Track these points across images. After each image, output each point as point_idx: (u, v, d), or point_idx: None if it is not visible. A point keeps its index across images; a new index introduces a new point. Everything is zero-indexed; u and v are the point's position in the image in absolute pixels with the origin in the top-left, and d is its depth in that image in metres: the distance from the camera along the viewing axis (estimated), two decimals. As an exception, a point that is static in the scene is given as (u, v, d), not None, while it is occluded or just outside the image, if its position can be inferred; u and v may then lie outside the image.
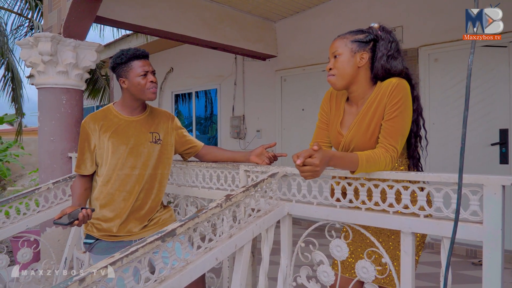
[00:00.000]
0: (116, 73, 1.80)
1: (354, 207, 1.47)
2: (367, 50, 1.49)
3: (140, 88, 1.76)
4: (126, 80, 1.77)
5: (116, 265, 1.04)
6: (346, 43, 1.51)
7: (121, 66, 1.77)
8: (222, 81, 6.43)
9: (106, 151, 1.77)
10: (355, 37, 1.51)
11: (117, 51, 5.84)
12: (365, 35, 1.51)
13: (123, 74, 1.78)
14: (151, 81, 1.77)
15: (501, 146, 3.66)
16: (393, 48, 1.50)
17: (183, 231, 1.23)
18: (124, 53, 1.76)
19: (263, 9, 4.97)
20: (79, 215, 1.58)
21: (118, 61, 1.76)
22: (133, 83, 1.76)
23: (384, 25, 1.55)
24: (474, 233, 1.19)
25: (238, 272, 1.46)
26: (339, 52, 1.51)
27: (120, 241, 1.80)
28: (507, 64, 3.61)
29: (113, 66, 1.79)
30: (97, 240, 1.80)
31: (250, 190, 1.48)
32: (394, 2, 4.30)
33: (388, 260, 1.39)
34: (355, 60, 1.49)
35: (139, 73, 1.75)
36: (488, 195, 1.16)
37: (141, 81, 1.75)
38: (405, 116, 1.43)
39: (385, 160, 1.36)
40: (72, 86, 3.20)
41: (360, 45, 1.49)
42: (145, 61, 1.79)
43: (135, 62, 1.76)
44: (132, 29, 3.98)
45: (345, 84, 1.53)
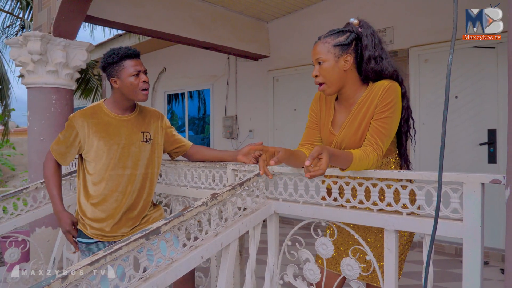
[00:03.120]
0: (107, 72, 1.78)
1: (339, 206, 1.48)
2: (350, 52, 1.47)
3: (132, 88, 1.74)
4: (118, 80, 1.75)
5: (99, 262, 1.04)
6: (328, 48, 1.47)
7: (112, 65, 1.74)
8: (215, 81, 6.43)
9: (96, 150, 1.76)
10: (336, 41, 1.48)
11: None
12: (346, 36, 1.48)
13: (114, 73, 1.75)
14: (144, 81, 1.75)
15: (489, 146, 3.71)
16: (376, 44, 1.49)
17: (168, 229, 1.23)
18: (116, 52, 1.73)
19: (255, 9, 4.99)
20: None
21: (110, 61, 1.73)
22: (125, 83, 1.74)
23: (363, 20, 1.53)
24: (454, 230, 1.21)
25: (224, 271, 1.47)
26: (322, 58, 1.48)
27: (115, 241, 1.81)
28: (495, 65, 3.65)
29: (104, 66, 1.77)
30: (91, 240, 1.81)
31: (236, 188, 1.49)
32: (385, 3, 4.34)
33: (372, 257, 1.41)
34: (340, 64, 1.47)
35: (131, 72, 1.72)
36: (468, 192, 1.19)
37: (133, 81, 1.73)
38: (394, 118, 1.45)
39: (373, 158, 1.37)
40: (62, 85, 3.19)
41: (342, 48, 1.47)
42: (137, 60, 1.77)
43: (127, 62, 1.73)
44: (124, 28, 3.97)
45: (335, 89, 1.52)
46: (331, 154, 1.28)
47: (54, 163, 1.84)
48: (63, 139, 1.78)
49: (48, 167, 1.83)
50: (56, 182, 1.83)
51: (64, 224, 1.79)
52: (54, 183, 1.82)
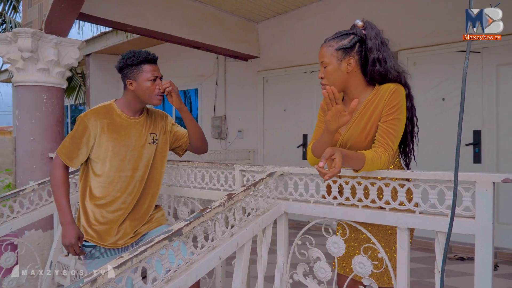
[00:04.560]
0: (124, 73, 1.77)
1: (351, 205, 1.51)
2: (353, 55, 1.52)
3: (148, 93, 1.75)
4: (134, 83, 1.75)
5: (126, 265, 1.04)
6: (331, 52, 1.53)
7: (131, 67, 1.74)
8: (203, 81, 6.40)
9: (106, 151, 1.74)
10: (339, 44, 1.52)
11: (96, 48, 5.67)
12: (349, 39, 1.53)
13: (132, 76, 1.75)
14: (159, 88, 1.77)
15: (474, 146, 3.84)
16: (379, 46, 1.53)
17: (189, 230, 1.23)
18: (136, 55, 1.74)
19: (246, 9, 5.00)
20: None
21: (129, 62, 1.74)
22: (141, 87, 1.74)
23: (367, 21, 1.58)
24: (466, 227, 1.26)
25: (239, 271, 1.48)
26: (326, 62, 1.54)
27: (115, 248, 1.79)
28: (480, 69, 3.79)
29: (122, 66, 1.76)
30: (87, 244, 1.78)
31: (250, 189, 1.50)
32: (375, 6, 4.42)
33: (384, 255, 1.45)
34: (343, 67, 1.52)
35: (149, 77, 1.74)
36: (480, 191, 1.24)
37: (150, 86, 1.75)
38: (401, 119, 1.50)
39: (384, 158, 1.41)
40: (54, 84, 3.12)
41: (345, 51, 1.52)
42: (156, 66, 1.78)
43: (146, 66, 1.75)
44: (115, 26, 3.91)
45: (338, 90, 1.56)
46: (344, 155, 1.31)
47: (63, 169, 1.79)
48: (74, 140, 1.74)
49: (57, 174, 1.77)
50: (66, 191, 1.78)
51: (70, 237, 1.72)
52: (64, 191, 1.77)
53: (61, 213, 1.77)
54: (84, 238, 1.77)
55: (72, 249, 1.74)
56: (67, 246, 1.74)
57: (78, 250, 1.75)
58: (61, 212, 1.77)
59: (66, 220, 1.75)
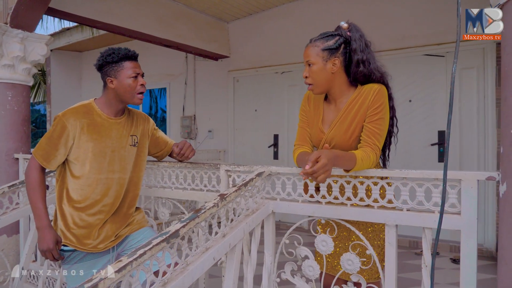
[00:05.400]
0: (104, 71, 1.71)
1: (339, 203, 1.54)
2: (338, 56, 1.56)
3: (129, 91, 1.69)
4: (115, 80, 1.69)
5: (126, 269, 1.00)
6: (317, 52, 1.56)
7: (111, 65, 1.68)
8: (172, 80, 6.29)
9: (85, 152, 1.66)
10: (325, 45, 1.56)
11: (58, 44, 5.42)
12: (334, 40, 1.57)
13: (112, 73, 1.68)
14: (141, 84, 1.72)
15: (439, 146, 4.05)
16: (364, 48, 1.58)
17: (186, 231, 1.21)
18: (115, 51, 1.68)
19: (217, 9, 4.96)
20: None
21: (109, 60, 1.67)
22: (122, 84, 1.68)
23: (352, 23, 1.62)
24: (453, 223, 1.32)
25: (231, 271, 1.46)
26: (311, 61, 1.57)
27: (95, 252, 1.72)
28: (444, 72, 4.00)
29: (102, 64, 1.69)
30: (66, 248, 1.70)
31: (242, 189, 1.49)
32: (345, 9, 4.54)
33: (372, 251, 1.49)
34: (328, 67, 1.56)
35: (130, 74, 1.68)
36: (466, 188, 1.30)
37: (131, 83, 1.69)
38: (385, 119, 1.55)
39: (373, 158, 1.46)
40: (19, 81, 2.94)
41: (330, 52, 1.55)
42: (136, 62, 1.73)
43: (126, 63, 1.69)
44: (85, 22, 3.75)
45: (323, 90, 1.62)
46: (336, 156, 1.35)
47: (39, 172, 1.69)
48: (51, 140, 1.64)
49: (33, 177, 1.67)
50: (42, 194, 1.68)
51: (48, 242, 1.63)
52: (40, 195, 1.67)
53: (37, 217, 1.67)
54: (63, 242, 1.69)
55: (50, 254, 1.65)
56: (44, 251, 1.65)
57: (57, 255, 1.66)
58: (37, 216, 1.67)
59: (43, 224, 1.66)
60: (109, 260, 1.77)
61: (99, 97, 1.79)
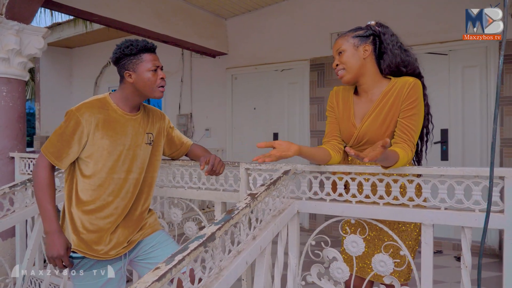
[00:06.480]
0: (121, 64, 1.59)
1: (370, 203, 1.48)
2: (368, 43, 1.55)
3: (149, 84, 1.58)
4: (134, 74, 1.57)
5: (166, 277, 0.91)
6: (347, 39, 1.57)
7: (129, 57, 1.57)
8: (168, 77, 6.12)
9: (99, 150, 1.54)
10: (355, 33, 1.57)
11: (48, 40, 5.17)
12: (364, 30, 1.58)
13: (130, 66, 1.57)
14: (162, 78, 1.61)
15: (442, 144, 4.03)
16: (397, 41, 1.58)
17: (221, 234, 1.12)
18: (134, 43, 1.56)
19: (216, 4, 4.86)
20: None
21: (127, 52, 1.56)
22: (141, 78, 1.57)
23: (380, 21, 1.62)
24: (496, 222, 1.27)
25: (261, 275, 1.38)
26: (342, 48, 1.56)
27: (106, 260, 1.60)
28: (447, 70, 3.98)
29: (119, 57, 1.58)
30: (81, 257, 1.58)
31: (271, 188, 1.41)
32: (346, 7, 4.49)
33: (406, 252, 1.44)
34: (359, 52, 1.55)
35: (150, 67, 1.57)
36: (509, 186, 1.25)
37: (151, 77, 1.58)
38: (420, 115, 1.50)
39: (410, 155, 1.41)
40: (15, 76, 2.80)
41: (361, 39, 1.55)
42: (155, 55, 1.62)
43: (145, 55, 1.58)
44: (82, 15, 3.61)
45: (354, 76, 1.57)
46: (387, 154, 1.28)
47: (49, 171, 1.55)
48: (64, 137, 1.51)
49: (42, 176, 1.53)
50: (52, 195, 1.54)
51: (58, 248, 1.49)
52: (50, 196, 1.53)
53: (46, 221, 1.52)
54: (72, 248, 1.57)
55: (60, 261, 1.52)
56: (54, 258, 1.50)
57: (67, 262, 1.53)
58: (46, 220, 1.52)
59: (53, 229, 1.51)
60: (120, 267, 1.66)
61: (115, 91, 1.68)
